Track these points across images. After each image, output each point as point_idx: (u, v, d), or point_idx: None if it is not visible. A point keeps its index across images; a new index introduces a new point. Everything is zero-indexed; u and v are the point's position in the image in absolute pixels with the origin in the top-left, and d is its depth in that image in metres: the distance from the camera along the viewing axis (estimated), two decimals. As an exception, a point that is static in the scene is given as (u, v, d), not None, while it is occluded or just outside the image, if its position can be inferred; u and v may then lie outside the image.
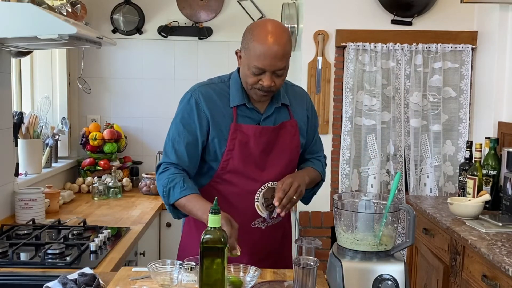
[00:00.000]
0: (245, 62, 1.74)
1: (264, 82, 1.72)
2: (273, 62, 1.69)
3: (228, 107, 1.82)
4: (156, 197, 3.30)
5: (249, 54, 1.71)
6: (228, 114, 1.81)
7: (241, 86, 1.83)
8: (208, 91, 1.83)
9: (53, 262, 1.90)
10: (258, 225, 1.87)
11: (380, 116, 3.26)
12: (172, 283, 1.52)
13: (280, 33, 1.71)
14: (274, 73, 1.72)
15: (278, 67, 1.70)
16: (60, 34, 1.99)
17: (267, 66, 1.69)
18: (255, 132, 1.81)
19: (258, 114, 1.84)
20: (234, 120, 1.81)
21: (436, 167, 3.27)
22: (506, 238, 2.22)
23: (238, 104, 1.81)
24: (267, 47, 1.67)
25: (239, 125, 1.81)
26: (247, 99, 1.83)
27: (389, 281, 1.49)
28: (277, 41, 1.68)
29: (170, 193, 1.75)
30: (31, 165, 2.96)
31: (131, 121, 3.78)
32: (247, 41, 1.72)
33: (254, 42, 1.69)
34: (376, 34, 3.26)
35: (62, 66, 3.56)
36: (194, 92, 1.84)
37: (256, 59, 1.69)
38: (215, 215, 1.39)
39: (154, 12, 3.73)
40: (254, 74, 1.72)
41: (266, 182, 1.83)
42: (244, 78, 1.78)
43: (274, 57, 1.68)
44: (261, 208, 1.84)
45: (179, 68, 3.78)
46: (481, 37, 3.24)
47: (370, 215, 1.55)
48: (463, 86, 3.27)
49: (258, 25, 1.75)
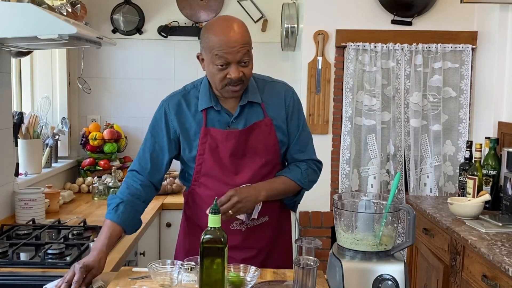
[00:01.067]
0: (209, 61, 1.74)
1: (232, 75, 1.71)
2: (235, 51, 1.68)
3: (198, 112, 1.84)
4: (156, 197, 3.26)
5: (210, 50, 1.71)
6: (199, 119, 1.83)
7: (209, 89, 1.83)
8: (178, 100, 1.87)
9: (53, 262, 1.90)
10: (237, 227, 1.85)
11: (380, 116, 3.26)
12: (172, 283, 1.52)
13: (235, 22, 1.73)
14: (239, 63, 1.71)
15: (241, 55, 1.70)
16: (60, 34, 1.99)
17: (230, 55, 1.68)
18: (222, 137, 1.81)
19: (228, 116, 1.84)
20: (204, 124, 1.82)
21: (436, 167, 3.27)
22: (506, 238, 2.22)
23: (206, 107, 1.83)
24: (225, 37, 1.68)
25: (209, 129, 1.82)
26: (215, 102, 1.83)
27: (389, 281, 1.49)
28: (234, 29, 1.70)
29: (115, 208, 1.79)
30: (31, 165, 2.95)
31: (131, 121, 3.78)
32: (205, 40, 1.73)
33: (212, 37, 1.70)
34: (376, 34, 3.26)
35: (62, 66, 3.56)
36: (165, 102, 1.90)
37: (218, 52, 1.68)
38: (215, 215, 1.39)
39: (154, 12, 3.73)
40: (220, 69, 1.71)
41: (239, 185, 1.81)
42: (212, 78, 1.77)
43: (234, 45, 1.68)
44: None
45: (179, 68, 3.78)
46: (481, 37, 3.24)
47: (370, 215, 1.55)
48: (463, 86, 3.27)
49: (212, 22, 1.76)
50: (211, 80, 1.80)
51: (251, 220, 1.86)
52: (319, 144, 3.33)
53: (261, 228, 1.90)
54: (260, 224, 1.89)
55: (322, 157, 3.30)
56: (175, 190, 3.41)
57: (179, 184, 3.44)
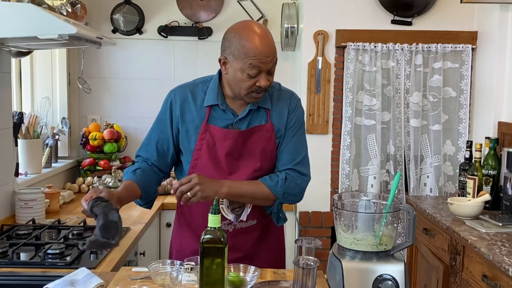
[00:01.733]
0: (237, 67, 1.72)
1: (261, 83, 1.73)
2: (269, 60, 1.71)
3: (203, 107, 1.84)
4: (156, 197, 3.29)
5: (242, 58, 1.70)
6: (202, 114, 1.84)
7: (218, 87, 1.84)
8: (185, 92, 1.87)
9: (53, 262, 1.90)
10: (225, 228, 1.84)
11: (380, 116, 3.26)
12: (172, 283, 1.52)
13: (266, 31, 1.75)
14: (268, 71, 1.74)
15: (272, 65, 1.74)
16: (60, 34, 1.99)
17: (264, 65, 1.71)
18: (221, 135, 1.82)
19: (233, 116, 1.84)
20: (205, 120, 1.83)
21: (436, 167, 3.27)
22: (506, 238, 2.22)
23: (211, 104, 1.83)
24: (262, 47, 1.69)
25: (209, 126, 1.83)
26: (221, 100, 1.83)
27: (389, 281, 1.49)
28: (268, 39, 1.73)
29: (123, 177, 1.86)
30: (31, 165, 2.95)
31: (131, 121, 3.78)
32: (236, 47, 1.71)
33: (247, 46, 1.69)
34: (376, 34, 3.26)
35: (62, 66, 3.55)
36: (172, 92, 1.91)
37: (252, 61, 1.69)
38: (215, 215, 1.39)
39: (154, 12, 3.73)
40: (250, 77, 1.72)
41: None
42: (237, 84, 1.76)
43: (269, 55, 1.71)
44: (226, 210, 1.83)
45: (179, 68, 3.78)
46: (481, 37, 3.24)
47: (370, 215, 1.55)
48: (463, 86, 3.27)
49: (243, 30, 1.73)
50: (234, 85, 1.77)
51: (240, 221, 1.86)
52: (319, 144, 3.35)
53: (249, 230, 1.89)
54: (249, 227, 1.89)
55: (322, 157, 3.35)
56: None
57: (179, 184, 3.43)
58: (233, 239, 1.83)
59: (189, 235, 1.92)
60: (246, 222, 1.87)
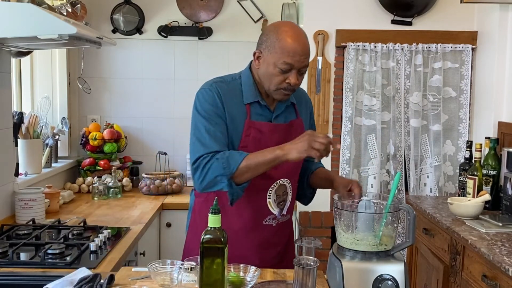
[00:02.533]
0: (270, 61, 1.76)
1: (291, 80, 1.77)
2: (302, 59, 1.75)
3: (241, 104, 1.84)
4: (156, 197, 3.30)
5: (278, 52, 1.74)
6: (242, 111, 1.84)
7: (253, 84, 1.86)
8: (222, 86, 1.86)
9: (53, 262, 1.90)
10: (270, 222, 1.88)
11: (380, 116, 3.26)
12: (172, 283, 1.52)
13: (303, 33, 1.80)
14: (299, 71, 1.78)
15: (305, 63, 1.78)
16: (60, 34, 1.99)
17: (296, 62, 1.74)
18: (270, 129, 1.84)
19: (269, 112, 1.88)
20: (248, 117, 1.83)
21: (436, 167, 3.27)
22: (506, 238, 2.22)
23: (252, 101, 1.85)
24: (297, 45, 1.74)
25: (253, 122, 1.83)
26: (260, 97, 1.86)
27: (389, 281, 1.49)
28: (303, 40, 1.77)
29: (230, 161, 1.72)
30: (31, 165, 2.96)
31: (131, 121, 3.78)
32: (273, 41, 1.76)
33: (283, 40, 1.74)
34: (376, 34, 3.26)
35: (62, 66, 3.56)
36: (211, 86, 1.85)
37: (286, 56, 1.73)
38: (215, 215, 1.39)
39: (154, 12, 3.73)
40: (282, 72, 1.76)
41: (278, 179, 1.85)
42: (268, 78, 1.79)
43: (303, 54, 1.75)
44: (272, 205, 1.86)
45: (179, 68, 3.78)
46: (481, 37, 3.24)
47: (370, 215, 1.55)
48: (463, 86, 3.27)
49: (284, 26, 1.79)
50: (265, 79, 1.81)
51: (281, 216, 1.90)
52: (319, 144, 3.35)
53: (286, 224, 1.96)
54: (286, 221, 1.95)
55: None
56: (175, 190, 3.41)
57: (179, 184, 3.44)
58: (276, 233, 1.90)
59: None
60: (285, 216, 1.92)
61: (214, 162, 1.74)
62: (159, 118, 3.78)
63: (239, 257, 1.74)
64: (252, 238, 1.83)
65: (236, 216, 1.86)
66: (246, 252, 1.84)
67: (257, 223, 1.86)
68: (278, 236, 1.91)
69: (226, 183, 1.73)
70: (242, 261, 1.65)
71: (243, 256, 1.76)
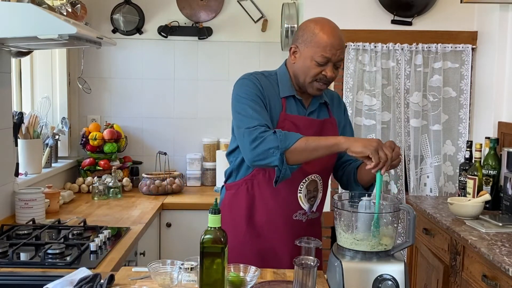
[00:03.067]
0: (307, 55, 1.82)
1: (327, 73, 1.82)
2: (338, 52, 1.81)
3: (277, 97, 1.88)
4: (156, 197, 3.30)
5: (314, 46, 1.80)
6: (278, 104, 1.87)
7: (290, 79, 1.90)
8: (261, 78, 1.90)
9: (53, 262, 1.90)
10: (299, 218, 1.90)
11: (380, 116, 3.26)
12: (172, 283, 1.52)
13: (338, 29, 1.85)
14: (335, 64, 1.83)
15: (341, 57, 1.83)
16: (60, 34, 1.99)
17: (333, 55, 1.80)
18: (304, 123, 1.87)
19: (304, 108, 1.91)
20: (283, 109, 1.86)
21: (436, 167, 3.27)
22: (506, 238, 2.22)
23: (288, 95, 1.89)
24: (333, 39, 1.80)
25: (288, 115, 1.86)
26: (295, 92, 1.90)
27: (389, 281, 1.49)
28: (339, 34, 1.83)
29: (288, 136, 1.70)
30: (31, 165, 2.95)
31: (131, 121, 3.78)
32: (309, 35, 1.82)
33: (320, 34, 1.80)
34: (376, 34, 3.26)
35: (62, 66, 3.55)
36: (250, 76, 1.90)
37: (323, 49, 1.79)
38: (215, 215, 1.39)
39: (154, 12, 3.73)
40: (318, 65, 1.81)
41: (310, 174, 1.87)
42: (304, 71, 1.84)
43: (339, 48, 1.81)
44: (303, 199, 1.88)
45: (179, 68, 3.78)
46: (481, 37, 3.24)
47: (370, 215, 1.55)
48: (463, 86, 3.27)
49: (320, 21, 1.85)
50: (302, 72, 1.85)
51: (311, 212, 1.92)
52: (319, 144, 3.35)
53: (316, 222, 1.98)
54: (315, 218, 1.96)
55: (322, 157, 3.34)
56: (175, 190, 3.41)
57: (179, 184, 3.44)
58: (305, 229, 1.92)
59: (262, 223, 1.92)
60: (315, 213, 1.94)
61: (271, 135, 1.71)
62: (159, 118, 3.78)
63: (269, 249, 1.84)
64: (282, 232, 1.86)
65: (266, 207, 1.89)
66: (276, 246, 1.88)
67: (287, 217, 1.88)
68: (307, 233, 1.86)
69: (278, 157, 1.69)
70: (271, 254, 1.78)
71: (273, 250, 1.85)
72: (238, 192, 1.91)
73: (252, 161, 1.76)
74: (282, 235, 1.88)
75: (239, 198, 1.92)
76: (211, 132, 3.80)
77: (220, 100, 3.77)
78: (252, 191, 1.90)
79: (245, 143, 1.76)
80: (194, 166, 3.69)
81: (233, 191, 1.94)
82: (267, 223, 1.89)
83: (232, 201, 1.93)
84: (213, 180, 3.67)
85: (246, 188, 1.90)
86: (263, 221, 1.89)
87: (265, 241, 1.90)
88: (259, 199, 1.89)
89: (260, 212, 1.89)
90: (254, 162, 1.76)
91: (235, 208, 1.92)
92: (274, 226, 1.89)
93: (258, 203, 1.89)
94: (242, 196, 1.91)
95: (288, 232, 1.88)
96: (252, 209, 1.90)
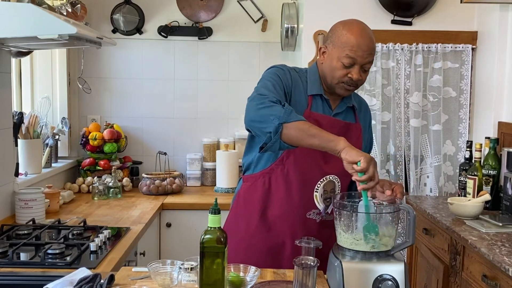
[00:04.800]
0: (335, 55, 1.80)
1: (353, 75, 1.79)
2: (365, 55, 1.77)
3: (304, 94, 1.87)
4: (156, 197, 3.30)
5: (342, 46, 1.78)
6: (304, 101, 1.86)
7: (319, 78, 1.89)
8: (294, 73, 1.90)
9: (53, 262, 1.90)
10: (313, 217, 1.89)
11: (380, 116, 3.26)
12: (172, 283, 1.52)
13: (369, 30, 1.83)
14: (362, 67, 1.79)
15: (368, 60, 1.79)
16: (60, 34, 1.99)
17: (359, 57, 1.77)
18: (328, 122, 1.85)
19: (330, 109, 1.90)
20: (308, 107, 1.85)
21: (436, 167, 3.27)
22: (506, 238, 2.22)
23: (316, 93, 1.88)
24: (361, 39, 1.77)
25: (312, 113, 1.85)
26: (323, 92, 1.89)
27: (389, 281, 1.49)
28: (369, 36, 1.80)
29: (293, 113, 1.67)
30: (31, 165, 2.96)
31: (131, 121, 3.78)
32: (338, 36, 1.80)
33: (348, 35, 1.78)
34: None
35: (62, 66, 3.56)
36: (283, 66, 1.90)
37: (349, 50, 1.76)
38: (215, 215, 1.39)
39: (154, 12, 3.73)
40: (344, 66, 1.78)
41: (328, 174, 1.86)
42: (331, 72, 1.83)
43: (366, 50, 1.77)
44: (319, 199, 1.87)
45: (179, 68, 3.78)
46: (481, 37, 3.24)
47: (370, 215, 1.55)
48: (463, 86, 3.27)
49: (350, 22, 1.83)
50: (328, 73, 1.84)
51: (326, 213, 1.90)
52: (319, 144, 3.35)
53: (329, 224, 1.91)
54: (329, 221, 1.91)
55: (322, 157, 3.34)
56: (175, 190, 3.41)
57: (179, 184, 3.44)
58: (318, 230, 1.90)
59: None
60: (329, 215, 1.91)
61: (279, 105, 1.70)
62: (159, 118, 3.78)
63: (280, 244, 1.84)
64: (293, 228, 1.85)
65: (280, 202, 1.88)
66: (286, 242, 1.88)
67: (300, 214, 1.87)
68: (320, 234, 1.86)
69: (276, 125, 1.65)
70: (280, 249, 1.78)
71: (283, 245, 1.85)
72: (254, 184, 1.91)
73: (250, 120, 1.74)
74: (294, 231, 1.86)
75: (255, 191, 1.92)
76: (211, 132, 3.80)
77: (220, 100, 3.77)
78: (269, 184, 1.89)
79: (251, 104, 1.75)
80: (194, 166, 3.69)
81: (249, 183, 1.93)
82: (279, 218, 1.88)
83: (247, 193, 1.94)
84: (213, 180, 3.67)
85: (263, 181, 1.90)
86: (275, 216, 1.88)
87: (275, 235, 1.89)
88: (274, 193, 1.89)
89: (274, 206, 1.89)
90: (251, 122, 1.74)
91: (249, 200, 1.93)
92: (286, 222, 1.88)
93: (273, 197, 1.89)
94: (258, 189, 1.91)
95: (300, 229, 1.87)
96: (267, 202, 1.90)
